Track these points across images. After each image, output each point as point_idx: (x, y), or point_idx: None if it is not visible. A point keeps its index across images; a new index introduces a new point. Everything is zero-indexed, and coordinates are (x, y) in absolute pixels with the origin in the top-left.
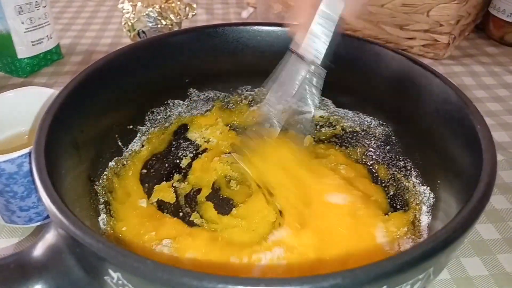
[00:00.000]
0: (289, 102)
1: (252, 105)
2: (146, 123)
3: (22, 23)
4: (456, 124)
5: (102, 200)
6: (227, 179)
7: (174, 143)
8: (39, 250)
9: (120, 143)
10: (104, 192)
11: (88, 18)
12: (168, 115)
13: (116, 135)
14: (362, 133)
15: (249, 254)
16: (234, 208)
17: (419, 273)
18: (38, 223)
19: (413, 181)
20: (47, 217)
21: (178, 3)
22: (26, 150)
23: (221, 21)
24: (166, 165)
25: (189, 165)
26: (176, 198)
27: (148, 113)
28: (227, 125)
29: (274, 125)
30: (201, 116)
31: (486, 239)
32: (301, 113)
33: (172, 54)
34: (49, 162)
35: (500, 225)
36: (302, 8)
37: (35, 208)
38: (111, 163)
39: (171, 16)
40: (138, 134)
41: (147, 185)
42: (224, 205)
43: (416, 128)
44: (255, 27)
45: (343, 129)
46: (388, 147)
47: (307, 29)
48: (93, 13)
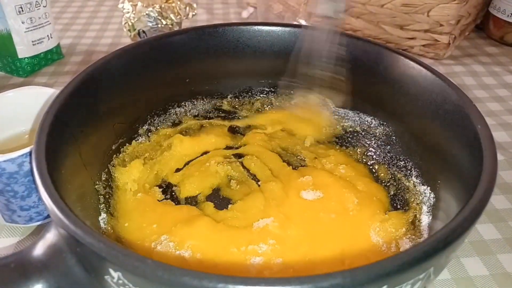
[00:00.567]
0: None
1: (252, 106)
2: (146, 123)
3: (22, 22)
4: (456, 124)
5: (102, 200)
6: (228, 178)
7: None
8: (39, 249)
9: (120, 143)
10: (104, 191)
11: (88, 18)
12: (168, 115)
13: (116, 135)
14: (363, 133)
15: (247, 242)
16: (231, 205)
17: (420, 273)
18: (39, 223)
19: (414, 181)
20: (48, 216)
21: (178, 3)
22: (27, 149)
23: (221, 21)
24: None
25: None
26: (177, 198)
27: (148, 113)
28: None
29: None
30: (201, 117)
31: (486, 239)
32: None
33: (172, 54)
34: (50, 161)
35: (500, 225)
36: None
37: (36, 207)
38: (112, 163)
39: (171, 16)
40: (138, 134)
41: (147, 185)
42: (223, 205)
43: (417, 128)
44: (255, 27)
45: (343, 129)
46: (389, 147)
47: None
48: (93, 13)
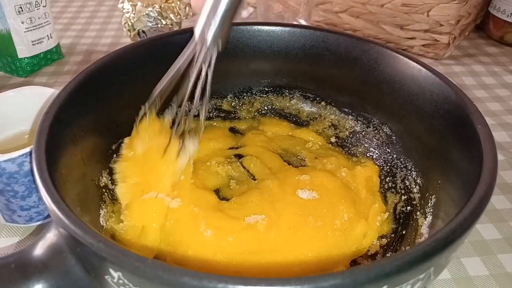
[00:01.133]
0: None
1: (252, 107)
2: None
3: (22, 22)
4: (456, 124)
5: (102, 199)
6: (229, 179)
7: None
8: (39, 249)
9: (120, 143)
10: (105, 190)
11: (88, 18)
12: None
13: (117, 135)
14: (363, 133)
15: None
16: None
17: (420, 273)
18: (39, 223)
19: (414, 181)
20: (48, 216)
21: (178, 3)
22: (27, 149)
23: None
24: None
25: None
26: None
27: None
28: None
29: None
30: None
31: (486, 239)
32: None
33: (172, 54)
34: (50, 161)
35: (500, 225)
36: None
37: (36, 207)
38: (112, 163)
39: (171, 15)
40: None
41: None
42: None
43: (416, 128)
44: (255, 27)
45: (343, 129)
46: (389, 147)
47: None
48: (93, 13)
